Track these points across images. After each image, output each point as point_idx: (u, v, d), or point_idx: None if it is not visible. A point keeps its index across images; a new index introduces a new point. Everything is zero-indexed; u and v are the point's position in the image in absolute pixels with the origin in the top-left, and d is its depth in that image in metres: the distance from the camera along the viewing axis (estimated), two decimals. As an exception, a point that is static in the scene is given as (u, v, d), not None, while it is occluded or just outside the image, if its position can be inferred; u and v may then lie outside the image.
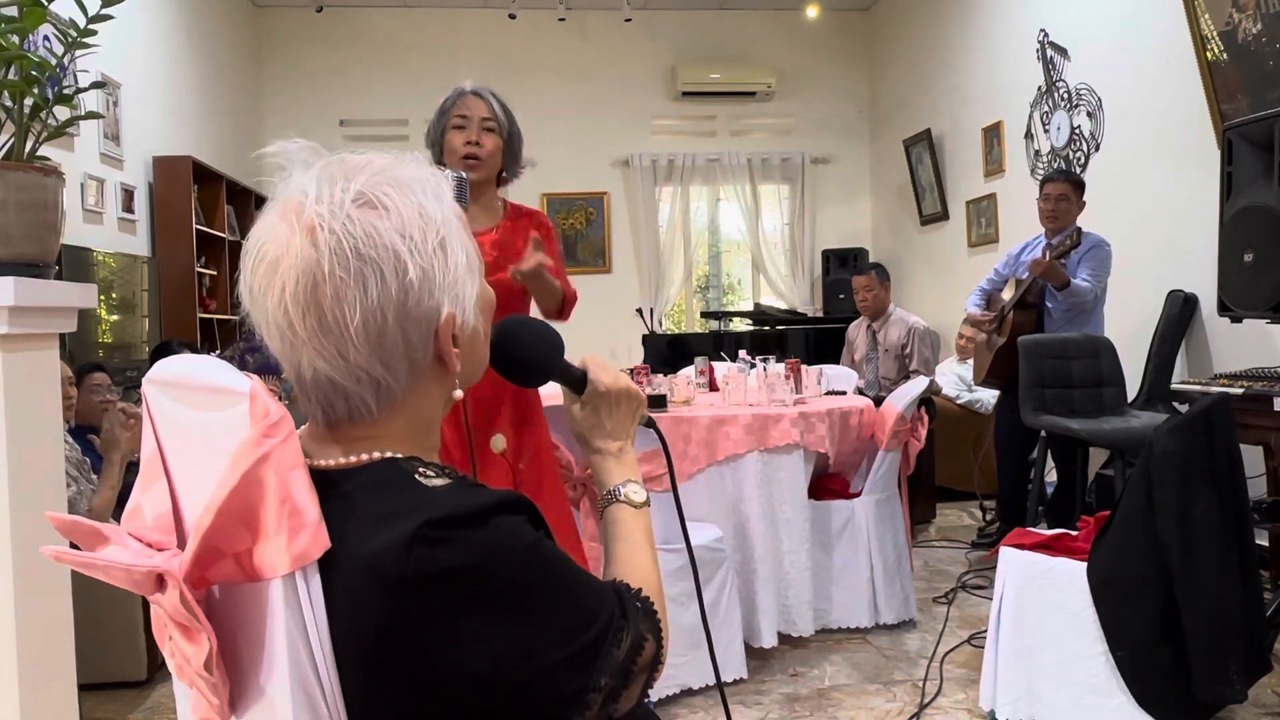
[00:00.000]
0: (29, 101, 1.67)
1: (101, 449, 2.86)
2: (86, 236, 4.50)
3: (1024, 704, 2.34)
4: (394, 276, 0.78)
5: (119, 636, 2.84)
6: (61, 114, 1.86)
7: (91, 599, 2.12)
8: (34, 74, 1.67)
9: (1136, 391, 4.29)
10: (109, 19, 1.74)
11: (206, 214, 5.74)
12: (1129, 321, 4.38)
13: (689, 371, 3.85)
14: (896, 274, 6.19)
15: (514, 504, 0.78)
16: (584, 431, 1.09)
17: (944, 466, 5.03)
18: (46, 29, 3.44)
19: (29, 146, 1.68)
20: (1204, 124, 4.12)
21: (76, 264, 4.19)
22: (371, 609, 0.72)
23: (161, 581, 0.75)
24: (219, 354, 4.72)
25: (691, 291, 8.19)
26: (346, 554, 0.73)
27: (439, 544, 0.72)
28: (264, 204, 0.83)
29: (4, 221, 1.60)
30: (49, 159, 1.72)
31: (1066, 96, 5.24)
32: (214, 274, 5.84)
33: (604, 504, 1.05)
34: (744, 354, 3.88)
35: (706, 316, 7.61)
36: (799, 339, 6.57)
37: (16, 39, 1.65)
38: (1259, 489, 3.13)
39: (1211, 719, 2.28)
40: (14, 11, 1.64)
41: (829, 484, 3.34)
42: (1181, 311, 4.27)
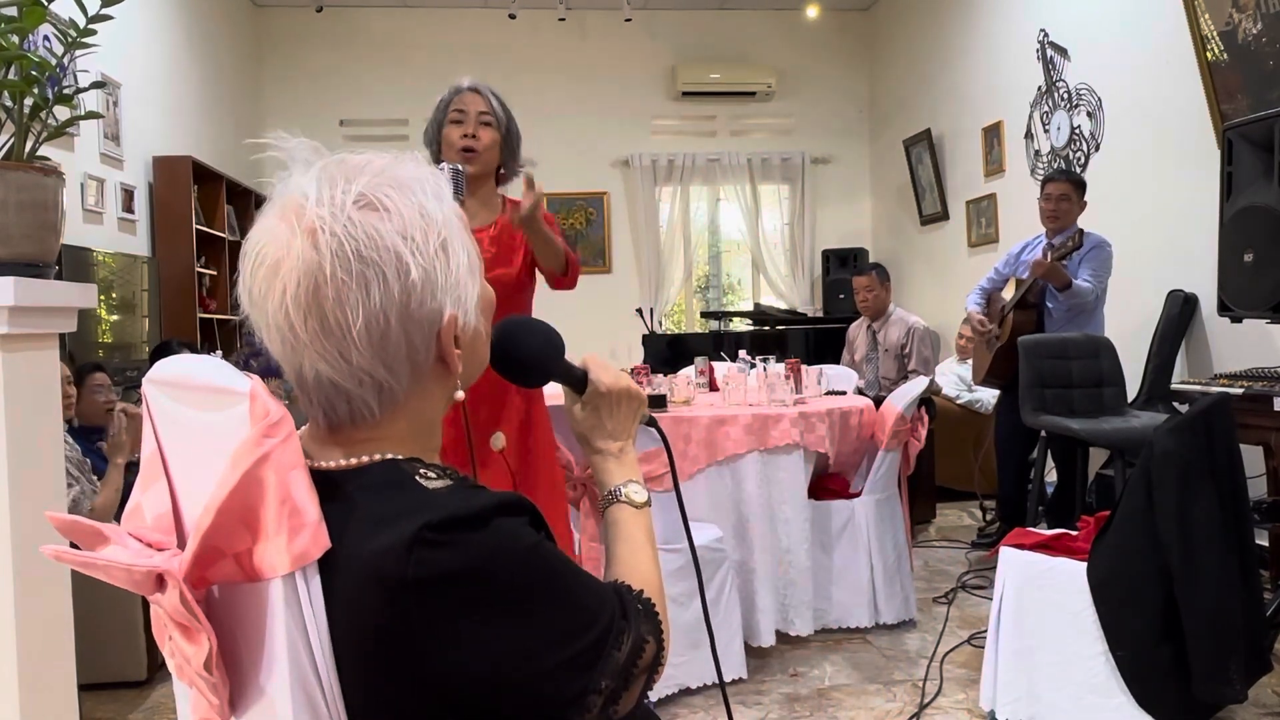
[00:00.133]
0: (29, 101, 1.67)
1: (107, 452, 2.86)
2: (86, 236, 4.50)
3: (1024, 704, 2.34)
4: (396, 279, 0.78)
5: (119, 636, 2.84)
6: (61, 114, 1.85)
7: (91, 599, 2.12)
8: (34, 74, 1.66)
9: (1136, 391, 4.29)
10: (109, 19, 1.74)
11: (206, 214, 5.74)
12: (1129, 321, 4.38)
13: (689, 371, 3.85)
14: (896, 274, 6.19)
15: (514, 506, 0.78)
16: (585, 432, 1.09)
17: (944, 466, 5.03)
18: (46, 29, 3.44)
19: (29, 146, 1.68)
20: (1204, 124, 4.12)
21: (76, 264, 4.19)
22: (372, 610, 0.72)
23: (161, 581, 0.75)
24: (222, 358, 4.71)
25: (691, 291, 8.18)
26: (347, 555, 0.73)
27: (439, 546, 0.72)
28: (264, 204, 0.83)
29: (4, 221, 1.60)
30: (49, 159, 1.72)
31: (1066, 96, 5.24)
32: (214, 274, 5.84)
33: (605, 504, 1.05)
34: (744, 354, 3.88)
35: (706, 316, 7.61)
36: (799, 339, 6.57)
37: (16, 39, 1.65)
38: (1259, 489, 3.13)
39: (1211, 719, 2.28)
40: (14, 11, 1.64)
41: (829, 484, 3.34)
42: (1181, 311, 4.27)
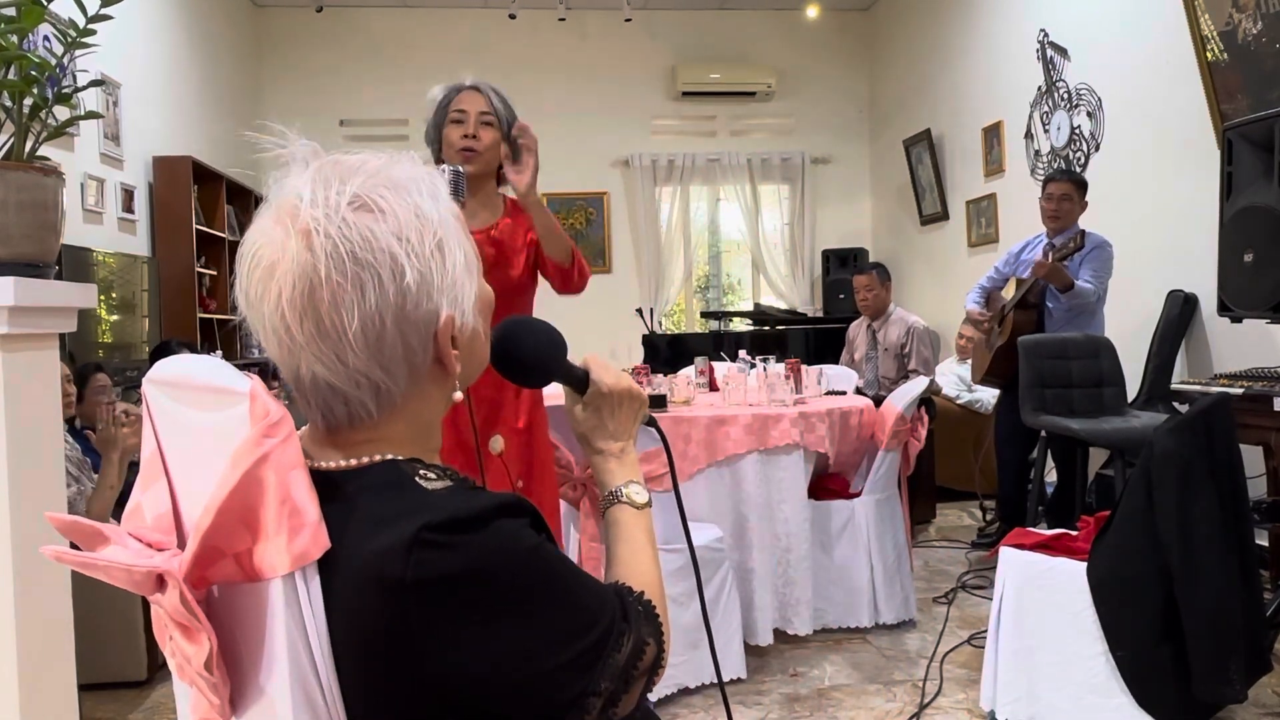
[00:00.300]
0: (29, 101, 1.67)
1: (98, 446, 2.86)
2: (86, 236, 4.50)
3: (1024, 704, 2.34)
4: (391, 280, 0.78)
5: (119, 636, 2.84)
6: (61, 114, 1.85)
7: (91, 599, 2.12)
8: (34, 74, 1.66)
9: (1136, 391, 4.29)
10: (108, 19, 1.74)
11: (206, 214, 5.74)
12: (1129, 321, 4.38)
13: (689, 371, 3.85)
14: (896, 274, 6.19)
15: (515, 507, 0.78)
16: (586, 432, 1.09)
17: (944, 466, 5.03)
18: (46, 29, 3.44)
19: (29, 146, 1.68)
20: (1204, 124, 4.11)
21: (76, 264, 4.19)
22: (371, 611, 0.72)
23: (162, 581, 0.75)
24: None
25: (691, 291, 8.18)
26: (346, 555, 0.73)
27: (438, 548, 0.72)
28: (262, 204, 0.82)
29: (4, 221, 1.60)
30: (49, 159, 1.72)
31: (1066, 96, 5.24)
32: (214, 274, 5.84)
33: (606, 505, 1.05)
34: (744, 354, 3.88)
35: (706, 316, 7.61)
36: (799, 339, 6.57)
37: (16, 39, 1.65)
38: (1259, 489, 3.13)
39: (1211, 719, 2.28)
40: (13, 11, 1.64)
41: (829, 484, 3.34)
42: (1181, 311, 4.27)
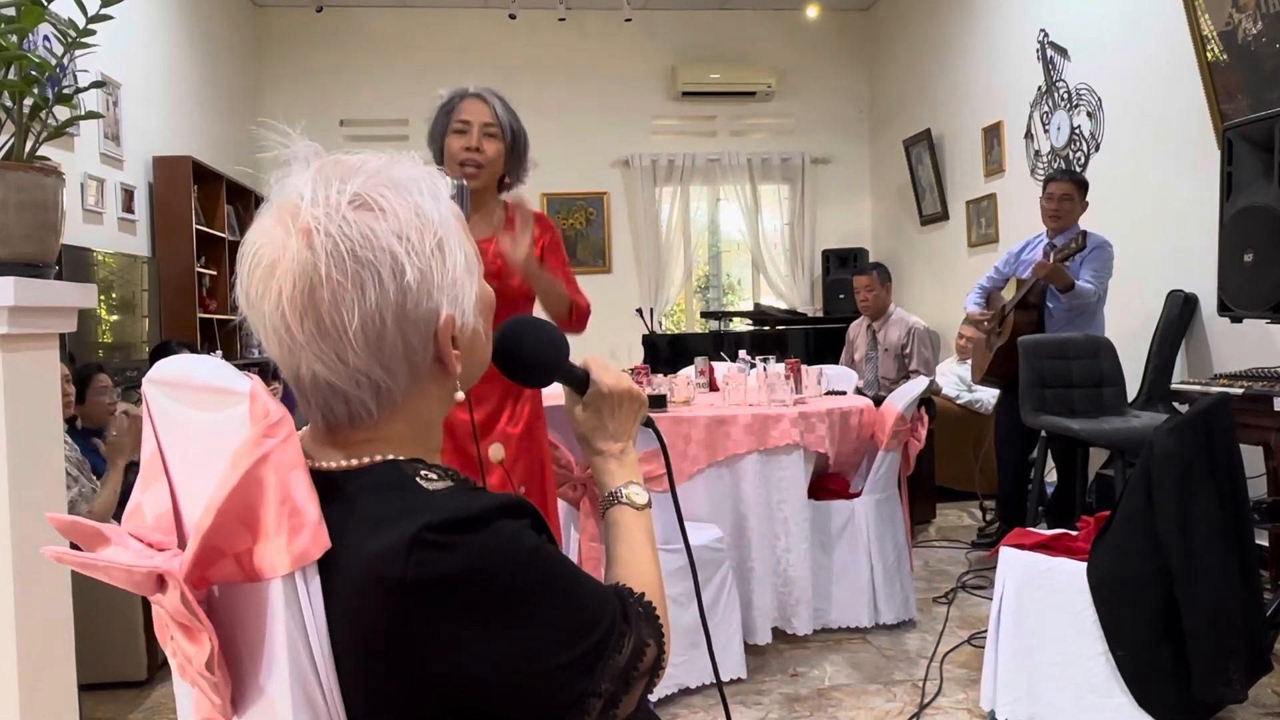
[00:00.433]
0: (29, 101, 1.67)
1: (106, 453, 2.86)
2: (86, 236, 4.50)
3: (1024, 704, 2.34)
4: (392, 279, 0.78)
5: (119, 636, 2.84)
6: (61, 114, 1.85)
7: (91, 599, 2.12)
8: (34, 74, 1.66)
9: (1136, 391, 4.29)
10: (109, 19, 1.74)
11: (206, 214, 5.74)
12: (1129, 321, 4.38)
13: (689, 371, 3.85)
14: (896, 274, 6.18)
15: (516, 508, 0.78)
16: (586, 433, 1.09)
17: (944, 466, 5.03)
18: (46, 29, 3.44)
19: (29, 146, 1.68)
20: (1204, 124, 4.12)
21: (76, 264, 4.19)
22: (371, 611, 0.72)
23: (162, 582, 0.75)
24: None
25: (691, 291, 8.18)
26: (347, 555, 0.73)
27: (439, 548, 0.71)
28: (263, 204, 0.83)
29: (4, 221, 1.60)
30: (49, 159, 1.72)
31: (1066, 96, 5.24)
32: (214, 274, 5.84)
33: (605, 506, 1.05)
34: (744, 354, 3.88)
35: (706, 316, 7.61)
36: (799, 339, 6.57)
37: (16, 39, 1.65)
38: (1259, 489, 3.13)
39: (1211, 719, 2.28)
40: (13, 11, 1.64)
41: (829, 484, 3.34)
42: (1181, 311, 4.27)
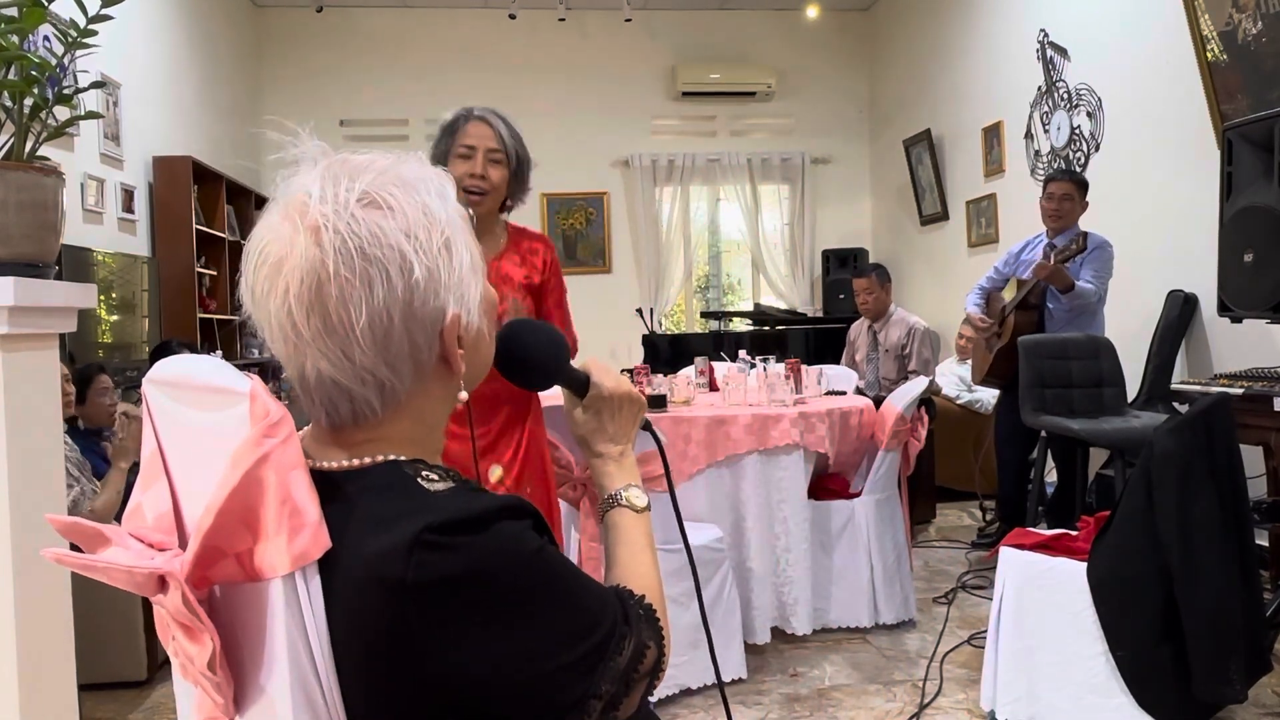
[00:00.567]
0: (29, 101, 1.67)
1: (111, 456, 2.87)
2: (86, 236, 4.50)
3: (1024, 704, 2.34)
4: (399, 276, 0.78)
5: (119, 636, 2.85)
6: (61, 114, 1.85)
7: (91, 599, 2.12)
8: (34, 74, 1.66)
9: (1136, 391, 4.29)
10: (109, 19, 1.74)
11: (206, 214, 5.74)
12: (1129, 321, 4.38)
13: (689, 371, 3.85)
14: (896, 274, 6.19)
15: (517, 509, 0.78)
16: (585, 435, 1.09)
17: (944, 466, 5.03)
18: (46, 29, 3.44)
19: (29, 146, 1.68)
20: (1204, 124, 4.12)
21: (76, 264, 4.19)
22: (372, 611, 0.72)
23: (163, 582, 0.75)
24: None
25: (691, 291, 8.18)
26: (347, 556, 0.73)
27: (439, 549, 0.71)
28: (264, 204, 0.82)
29: (4, 221, 1.60)
30: (49, 159, 1.72)
31: (1066, 96, 5.24)
32: (214, 274, 5.84)
33: (605, 508, 1.05)
34: (744, 354, 3.88)
35: (706, 316, 7.61)
36: (799, 339, 6.58)
37: (16, 39, 1.65)
38: (1259, 489, 3.13)
39: (1211, 719, 2.28)
40: (14, 12, 1.64)
41: (829, 484, 3.34)
42: (1181, 311, 4.27)
